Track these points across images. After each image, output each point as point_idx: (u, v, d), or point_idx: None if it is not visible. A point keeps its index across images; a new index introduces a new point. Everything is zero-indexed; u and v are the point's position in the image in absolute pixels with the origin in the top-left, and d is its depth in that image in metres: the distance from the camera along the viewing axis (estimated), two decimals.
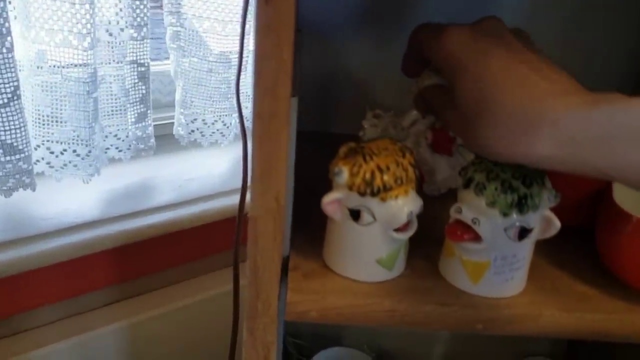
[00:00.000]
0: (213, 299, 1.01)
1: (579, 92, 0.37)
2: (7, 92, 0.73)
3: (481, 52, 0.40)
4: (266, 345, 0.47)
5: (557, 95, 0.36)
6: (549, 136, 0.35)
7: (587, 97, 0.36)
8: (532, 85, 0.37)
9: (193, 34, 0.92)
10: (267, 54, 0.37)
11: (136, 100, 0.89)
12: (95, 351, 0.92)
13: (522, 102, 0.37)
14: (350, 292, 0.48)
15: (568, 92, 0.37)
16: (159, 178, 0.98)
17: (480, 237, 0.46)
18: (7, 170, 0.77)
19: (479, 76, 0.39)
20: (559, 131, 0.35)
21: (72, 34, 0.78)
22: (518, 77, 0.38)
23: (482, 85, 0.38)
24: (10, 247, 0.81)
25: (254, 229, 0.44)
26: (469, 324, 0.47)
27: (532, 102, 0.36)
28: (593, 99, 0.35)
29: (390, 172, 0.45)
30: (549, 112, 0.35)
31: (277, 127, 0.41)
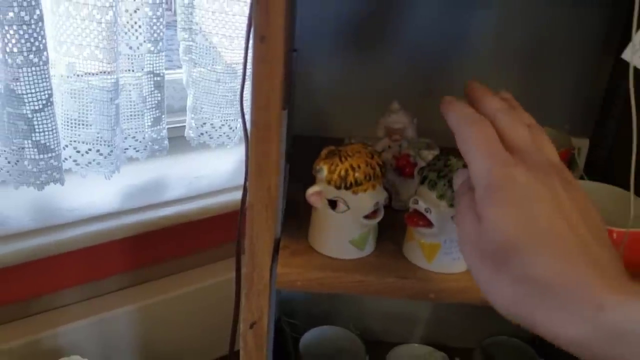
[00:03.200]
0: (217, 286, 1.11)
1: (630, 279, 0.32)
2: (42, 99, 0.84)
3: (527, 192, 0.34)
4: (260, 308, 0.59)
5: (609, 278, 0.31)
6: (591, 320, 0.30)
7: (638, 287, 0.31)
8: (579, 254, 0.32)
9: (203, 47, 1.03)
10: (261, 79, 0.48)
11: (152, 106, 1.00)
12: (111, 329, 1.02)
13: (564, 271, 0.32)
14: (328, 266, 0.59)
15: (619, 276, 0.32)
16: (171, 175, 1.08)
17: (432, 223, 0.57)
18: (40, 167, 0.88)
19: (517, 218, 0.33)
20: (605, 317, 0.30)
21: (98, 48, 0.88)
22: (562, 239, 0.32)
23: (518, 231, 0.33)
24: (41, 234, 0.92)
25: (251, 215, 0.55)
26: (423, 294, 0.58)
27: (577, 275, 0.31)
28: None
29: (361, 170, 0.56)
30: (598, 293, 0.31)
31: (269, 134, 0.52)
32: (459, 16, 0.86)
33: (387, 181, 0.68)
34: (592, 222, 0.35)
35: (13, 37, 0.78)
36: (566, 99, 0.90)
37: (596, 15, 0.86)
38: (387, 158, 0.67)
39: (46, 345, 0.95)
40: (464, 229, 0.37)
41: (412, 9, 0.85)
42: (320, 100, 0.91)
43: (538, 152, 0.37)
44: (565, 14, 0.86)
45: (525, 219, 0.33)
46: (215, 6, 0.99)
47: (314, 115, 0.92)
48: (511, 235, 0.33)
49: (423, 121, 0.71)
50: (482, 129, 0.38)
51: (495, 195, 0.35)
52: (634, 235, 0.55)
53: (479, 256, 0.35)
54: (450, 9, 0.85)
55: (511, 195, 0.34)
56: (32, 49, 0.80)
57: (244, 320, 0.59)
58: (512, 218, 0.34)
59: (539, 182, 0.35)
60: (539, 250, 0.32)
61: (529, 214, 0.33)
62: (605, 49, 0.87)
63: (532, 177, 0.35)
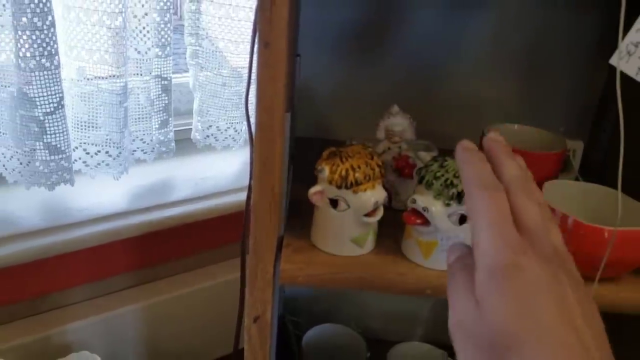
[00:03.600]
0: (222, 285, 1.13)
1: None
2: (53, 102, 0.87)
3: (534, 286, 0.33)
4: (263, 303, 0.61)
5: None
6: None
7: None
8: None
9: (210, 52, 1.05)
10: (265, 83, 0.51)
11: (160, 109, 1.03)
12: (118, 327, 1.04)
13: None
14: (329, 263, 0.61)
15: None
16: (177, 176, 1.11)
17: (429, 222, 0.59)
18: (51, 168, 0.90)
19: (521, 311, 0.32)
20: None
21: (108, 53, 0.91)
22: (566, 342, 0.31)
23: (521, 325, 0.32)
24: (51, 233, 0.94)
25: (255, 212, 0.58)
26: (420, 290, 0.60)
27: None
28: None
29: (361, 171, 0.59)
30: None
31: (273, 136, 0.54)
32: (456, 21, 0.88)
33: (386, 182, 0.70)
34: (596, 327, 0.33)
35: (26, 42, 0.81)
36: (562, 102, 0.93)
37: (591, 20, 0.88)
38: (386, 159, 0.70)
39: (55, 342, 0.97)
40: (457, 310, 0.35)
41: (410, 15, 0.88)
42: (322, 104, 0.94)
43: (546, 237, 0.36)
44: (561, 18, 0.88)
45: (530, 313, 0.32)
46: (221, 12, 1.01)
47: (316, 118, 0.95)
48: (513, 328, 0.32)
49: (421, 123, 0.73)
50: (496, 200, 0.36)
51: (501, 282, 0.33)
52: (622, 233, 0.57)
53: (473, 344, 0.33)
54: (448, 15, 0.87)
55: (518, 286, 0.33)
56: (44, 54, 0.83)
57: (248, 315, 0.62)
58: (515, 310, 0.32)
59: (547, 277, 0.33)
60: (541, 350, 0.31)
61: (534, 310, 0.32)
62: (601, 53, 0.90)
63: (540, 271, 0.33)
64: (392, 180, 0.71)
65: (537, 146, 0.72)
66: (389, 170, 0.70)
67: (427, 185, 0.59)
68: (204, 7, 1.02)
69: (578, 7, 0.87)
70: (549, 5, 0.87)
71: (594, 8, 0.88)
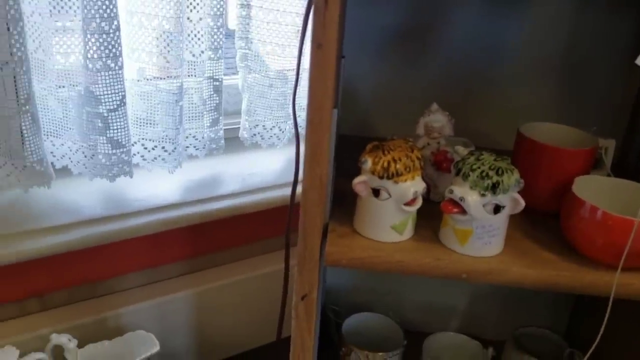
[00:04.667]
0: (266, 276, 1.19)
1: None
2: (116, 99, 0.94)
3: None
4: (310, 283, 0.66)
5: None
6: None
7: None
8: None
9: (258, 55, 1.12)
10: (317, 82, 0.56)
11: (211, 108, 1.09)
12: (168, 312, 1.11)
13: None
14: (371, 248, 0.66)
15: None
16: (226, 172, 1.17)
17: (466, 211, 0.64)
18: (113, 161, 0.97)
19: None
20: None
21: (166, 55, 0.98)
22: None
23: None
24: (111, 221, 1.01)
25: (305, 199, 0.63)
26: (456, 273, 0.65)
27: None
28: None
29: (402, 162, 0.64)
30: None
31: (322, 130, 0.60)
32: (495, 25, 0.92)
33: (425, 175, 0.75)
34: None
35: (94, 45, 0.88)
36: (596, 103, 0.95)
37: (627, 21, 0.91)
38: (426, 154, 0.74)
39: (111, 324, 1.05)
40: None
41: (450, 18, 0.92)
42: (364, 103, 0.99)
43: None
44: (598, 20, 0.91)
45: None
46: (270, 17, 1.07)
47: (357, 117, 1.00)
48: None
49: (459, 122, 0.78)
50: None
51: None
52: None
53: None
54: (486, 18, 0.91)
55: None
56: (109, 55, 0.90)
57: (296, 293, 0.67)
58: None
59: None
60: None
61: None
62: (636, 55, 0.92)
63: None
64: (430, 174, 0.75)
65: (568, 144, 0.76)
66: (427, 165, 0.74)
67: (464, 176, 0.64)
68: (253, 12, 1.09)
69: (614, 9, 0.90)
70: (586, 7, 0.90)
71: (629, 9, 0.90)
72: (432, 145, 0.75)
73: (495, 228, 0.65)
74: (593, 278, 0.64)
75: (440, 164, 0.74)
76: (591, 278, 0.64)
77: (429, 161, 0.75)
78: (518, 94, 0.94)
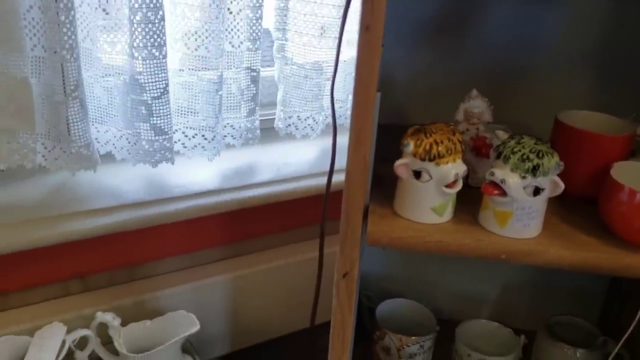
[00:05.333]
0: (300, 264, 1.21)
1: None
2: (160, 87, 0.97)
3: None
4: (352, 261, 0.69)
5: None
6: None
7: None
8: None
9: (294, 46, 1.14)
10: (364, 63, 0.58)
11: (248, 98, 1.11)
12: (205, 296, 1.14)
13: None
14: (411, 228, 0.68)
15: None
16: (261, 161, 1.20)
17: (506, 192, 0.65)
18: (155, 147, 1.00)
19: None
20: None
21: (206, 46, 1.01)
22: None
23: None
24: (152, 205, 1.04)
25: (349, 179, 0.65)
26: (495, 254, 0.66)
27: None
28: None
29: (444, 145, 0.66)
30: None
31: (367, 110, 0.62)
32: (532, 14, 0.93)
33: (464, 160, 0.76)
34: None
35: (140, 34, 0.91)
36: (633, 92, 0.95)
37: None
38: (465, 139, 0.76)
39: (149, 306, 1.08)
40: None
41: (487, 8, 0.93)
42: (399, 92, 1.00)
43: None
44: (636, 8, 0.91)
45: None
46: (307, 9, 1.10)
47: (393, 106, 1.01)
48: None
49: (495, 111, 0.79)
50: None
51: None
52: None
53: None
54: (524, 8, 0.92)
55: None
56: (154, 45, 0.93)
57: (338, 271, 0.69)
58: None
59: None
60: None
61: None
62: None
63: None
64: (469, 160, 0.77)
65: (606, 131, 0.77)
66: (466, 150, 0.76)
67: (504, 159, 0.65)
68: (291, 4, 1.11)
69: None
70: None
71: None
72: (471, 131, 0.76)
73: (535, 210, 0.67)
74: (631, 260, 0.65)
75: (480, 149, 0.75)
76: (629, 260, 0.65)
77: (467, 147, 0.76)
78: (555, 83, 0.95)
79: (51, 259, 1.00)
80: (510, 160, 0.64)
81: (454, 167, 0.66)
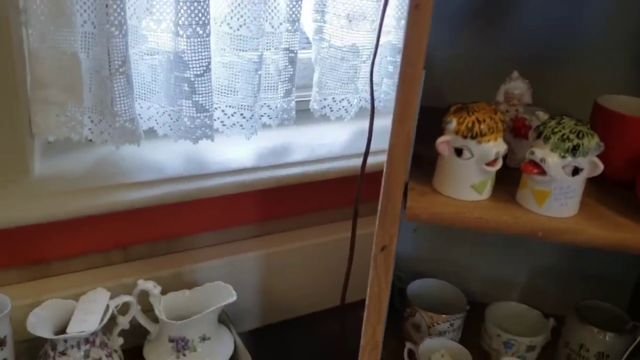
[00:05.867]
0: (332, 243, 1.23)
1: None
2: (202, 65, 0.99)
3: None
4: (390, 235, 0.71)
5: None
6: None
7: None
8: None
9: (332, 28, 1.15)
10: (412, 40, 0.60)
11: (285, 79, 1.13)
12: (239, 271, 1.17)
13: None
14: (451, 205, 0.70)
15: None
16: (296, 142, 1.22)
17: (545, 172, 0.67)
18: (197, 124, 1.03)
19: None
20: None
21: (248, 25, 1.03)
22: None
23: None
24: (191, 180, 1.07)
25: (391, 154, 0.67)
26: (533, 232, 0.68)
27: None
28: None
29: (486, 123, 0.67)
30: None
31: (413, 86, 0.64)
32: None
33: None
34: None
35: (185, 12, 0.94)
36: None
37: None
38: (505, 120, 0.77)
39: (186, 278, 1.11)
40: None
41: None
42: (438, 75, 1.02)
43: None
44: None
45: None
46: None
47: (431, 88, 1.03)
48: None
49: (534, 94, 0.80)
50: None
51: None
52: None
53: None
54: None
55: None
56: (199, 23, 0.95)
57: (376, 245, 0.71)
58: None
59: None
60: None
61: None
62: None
63: None
64: (507, 140, 0.78)
65: None
66: (505, 131, 0.77)
67: (545, 139, 0.67)
68: None
69: None
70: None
71: None
72: (510, 113, 0.78)
73: (573, 190, 0.68)
74: None
75: (519, 130, 0.77)
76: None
77: (507, 128, 0.77)
78: (595, 68, 0.95)
79: (94, 229, 1.04)
80: (551, 140, 0.66)
81: (495, 146, 0.68)
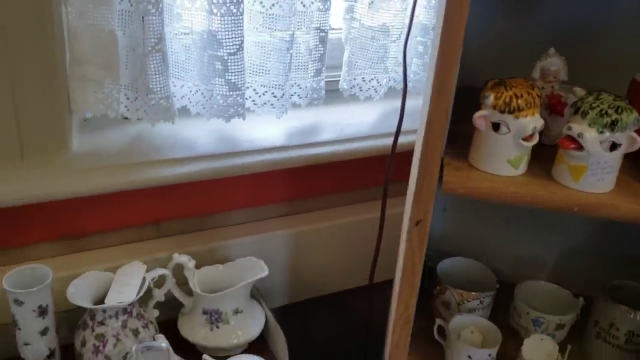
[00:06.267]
0: (360, 223, 1.24)
1: None
2: (236, 43, 1.00)
3: None
4: (425, 210, 0.72)
5: None
6: None
7: None
8: None
9: (363, 7, 1.16)
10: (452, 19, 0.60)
11: (316, 58, 1.13)
12: (268, 249, 1.18)
13: None
14: (487, 179, 0.71)
15: None
16: (325, 122, 1.23)
17: (583, 147, 0.67)
18: (229, 102, 1.04)
19: None
20: None
21: (281, 4, 1.04)
22: None
23: None
24: (223, 158, 1.08)
25: (429, 128, 0.68)
26: (569, 206, 0.68)
27: None
28: None
29: (523, 99, 0.67)
30: None
31: (452, 62, 0.64)
32: None
33: None
34: None
35: None
36: None
37: None
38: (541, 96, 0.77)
39: (218, 254, 1.13)
40: None
41: None
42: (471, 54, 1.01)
43: None
44: None
45: None
46: None
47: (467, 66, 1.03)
48: None
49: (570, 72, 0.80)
50: None
51: None
52: None
53: None
54: None
55: None
56: (233, 1, 0.96)
57: (411, 219, 0.72)
58: None
59: None
60: None
61: None
62: None
63: None
64: (543, 117, 0.78)
65: None
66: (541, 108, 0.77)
67: (582, 114, 0.67)
68: None
69: None
70: None
71: None
72: (546, 89, 0.78)
73: (610, 165, 0.68)
74: None
75: (554, 107, 0.77)
76: None
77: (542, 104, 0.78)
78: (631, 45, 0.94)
79: (128, 204, 1.06)
80: (589, 115, 0.66)
81: (532, 121, 0.68)
